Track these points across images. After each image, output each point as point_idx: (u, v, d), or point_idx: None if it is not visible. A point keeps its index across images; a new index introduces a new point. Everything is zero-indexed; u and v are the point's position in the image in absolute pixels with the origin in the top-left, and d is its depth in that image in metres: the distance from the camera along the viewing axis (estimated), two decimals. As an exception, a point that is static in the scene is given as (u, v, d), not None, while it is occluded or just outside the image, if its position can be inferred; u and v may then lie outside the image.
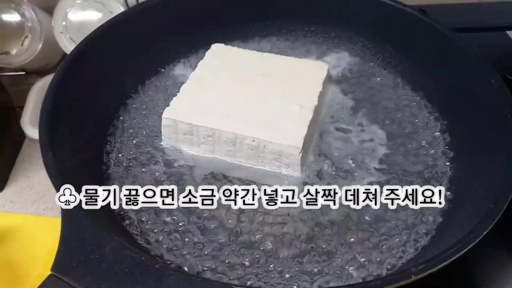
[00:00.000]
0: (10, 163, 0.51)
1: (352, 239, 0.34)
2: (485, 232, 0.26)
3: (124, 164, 0.39)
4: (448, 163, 0.39)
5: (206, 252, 0.33)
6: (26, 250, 0.43)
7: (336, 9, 0.48)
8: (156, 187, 0.32)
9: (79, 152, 0.35)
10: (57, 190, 0.27)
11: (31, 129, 0.49)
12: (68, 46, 0.54)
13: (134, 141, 0.41)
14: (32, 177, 0.50)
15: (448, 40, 0.41)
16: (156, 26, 0.45)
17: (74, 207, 0.27)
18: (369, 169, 0.39)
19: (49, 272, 0.40)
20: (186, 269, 0.31)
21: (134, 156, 0.39)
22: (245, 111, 0.39)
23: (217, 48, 0.45)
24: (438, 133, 0.41)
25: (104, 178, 0.37)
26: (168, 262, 0.31)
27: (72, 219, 0.27)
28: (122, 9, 0.53)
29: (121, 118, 0.42)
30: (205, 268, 0.31)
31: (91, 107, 0.39)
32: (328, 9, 0.48)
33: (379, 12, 0.46)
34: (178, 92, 0.41)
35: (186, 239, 0.33)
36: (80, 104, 0.38)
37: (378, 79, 0.46)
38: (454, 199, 0.35)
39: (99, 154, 0.39)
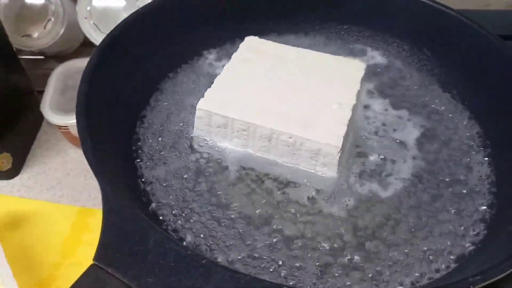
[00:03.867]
0: (26, 147, 0.50)
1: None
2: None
3: (155, 154, 0.37)
4: (485, 176, 0.37)
5: (249, 252, 0.31)
6: (41, 237, 0.41)
7: (371, 7, 0.47)
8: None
9: (113, 138, 0.33)
10: (98, 178, 0.26)
11: (50, 114, 0.47)
12: (91, 32, 0.53)
13: (166, 131, 0.39)
14: (48, 163, 0.49)
15: (494, 48, 0.40)
16: (190, 15, 0.44)
17: (115, 195, 0.26)
18: (403, 174, 0.37)
19: (64, 261, 0.40)
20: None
21: (165, 146, 0.38)
22: (282, 106, 0.38)
23: (251, 41, 0.44)
24: (478, 142, 0.40)
25: (136, 168, 0.36)
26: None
27: (113, 208, 0.25)
28: (148, -3, 0.52)
29: (153, 106, 0.41)
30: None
31: (124, 93, 0.38)
32: (363, 7, 0.47)
33: (417, 12, 0.45)
34: (212, 83, 0.39)
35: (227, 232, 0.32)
36: (112, 93, 0.37)
37: (413, 81, 0.45)
38: (492, 218, 0.34)
39: (132, 141, 0.38)
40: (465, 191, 0.36)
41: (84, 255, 0.41)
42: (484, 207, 0.35)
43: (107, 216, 0.25)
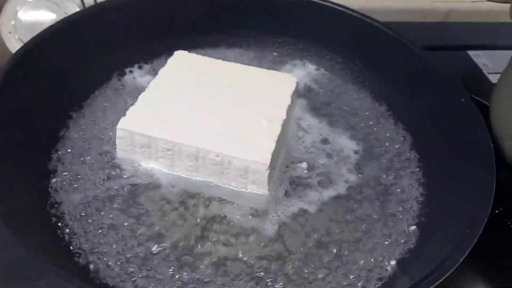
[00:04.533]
0: None
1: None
2: (462, 259, 0.25)
3: (74, 179, 0.35)
4: (417, 181, 0.38)
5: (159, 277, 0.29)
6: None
7: (305, 22, 0.47)
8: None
9: (21, 168, 0.31)
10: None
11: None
12: (16, 47, 0.49)
13: (85, 154, 0.37)
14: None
15: (418, 58, 0.40)
16: (113, 29, 0.42)
17: (7, 229, 0.23)
18: (338, 185, 0.37)
19: None
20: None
21: (85, 169, 0.36)
22: (209, 123, 0.36)
23: (180, 56, 0.42)
24: (408, 151, 0.40)
25: (48, 195, 0.33)
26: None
27: (5, 246, 0.23)
28: (77, 10, 0.50)
29: (70, 128, 0.38)
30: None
31: (35, 116, 0.35)
32: (297, 21, 0.47)
33: (348, 26, 0.45)
34: (135, 101, 0.37)
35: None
36: (23, 113, 0.34)
37: (346, 93, 0.45)
38: (425, 223, 0.34)
39: (45, 169, 0.35)
40: (397, 204, 0.36)
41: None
42: (413, 226, 0.34)
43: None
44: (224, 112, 0.37)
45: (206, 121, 0.36)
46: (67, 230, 0.31)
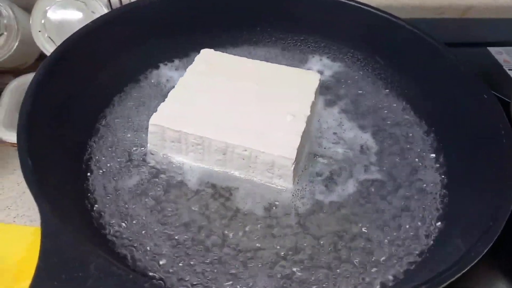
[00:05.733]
0: (-21, 166, 0.48)
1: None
2: (486, 250, 0.26)
3: (108, 171, 0.37)
4: (439, 178, 0.38)
5: (196, 269, 0.31)
6: (-6, 260, 0.40)
7: (327, 19, 0.47)
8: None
9: (60, 158, 0.32)
10: (37, 201, 0.25)
11: (4, 131, 0.46)
12: (46, 46, 0.51)
13: (118, 147, 0.39)
14: (2, 182, 0.47)
15: (439, 54, 0.41)
16: (143, 28, 0.43)
17: (55, 219, 0.25)
18: (359, 180, 0.38)
19: (16, 285, 0.38)
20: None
21: (119, 162, 0.37)
22: (236, 119, 0.38)
23: (206, 54, 0.44)
24: (429, 147, 0.41)
25: (86, 188, 0.35)
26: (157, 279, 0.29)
27: (52, 232, 0.25)
28: (104, 9, 0.51)
29: (105, 122, 0.40)
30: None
31: (73, 109, 0.37)
32: (318, 19, 0.48)
33: (369, 23, 0.46)
34: (166, 97, 0.39)
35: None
36: (61, 107, 0.36)
37: (367, 90, 0.46)
38: (447, 216, 0.35)
39: (82, 159, 0.37)
40: (418, 199, 0.37)
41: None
42: (435, 219, 0.35)
43: (44, 242, 0.24)
44: (251, 108, 0.39)
45: (234, 117, 0.38)
46: (101, 219, 0.33)
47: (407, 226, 0.35)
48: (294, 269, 0.32)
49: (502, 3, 0.68)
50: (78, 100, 0.37)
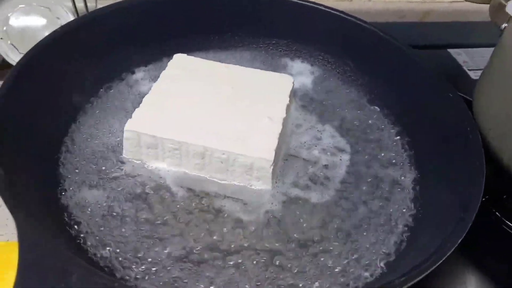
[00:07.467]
0: None
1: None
2: (459, 241, 0.27)
3: (82, 180, 0.36)
4: (410, 176, 0.40)
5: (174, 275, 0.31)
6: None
7: (297, 23, 0.48)
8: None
9: (32, 168, 0.31)
10: (13, 213, 0.24)
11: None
12: (9, 53, 0.50)
13: (92, 156, 0.38)
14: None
15: (405, 56, 0.43)
16: (112, 35, 0.43)
17: (33, 230, 0.24)
18: (335, 182, 0.39)
19: None
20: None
21: (93, 171, 0.36)
22: (213, 123, 0.38)
23: (179, 58, 0.44)
24: (400, 145, 0.42)
25: (58, 196, 0.34)
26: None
27: (30, 245, 0.24)
28: (69, 15, 0.50)
29: (78, 130, 0.39)
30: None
31: (42, 120, 0.35)
32: (289, 23, 0.49)
33: (338, 27, 0.47)
34: (140, 103, 0.38)
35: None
36: (29, 117, 0.34)
37: (338, 92, 0.47)
38: (420, 211, 0.36)
39: (55, 168, 0.35)
40: (390, 196, 0.38)
41: (8, 295, 0.37)
42: (407, 214, 0.36)
43: (23, 254, 0.23)
44: (227, 112, 0.39)
45: (210, 121, 0.38)
46: (78, 229, 0.32)
47: (382, 223, 0.36)
48: (272, 271, 0.32)
49: (456, 7, 0.72)
50: (47, 110, 0.36)
